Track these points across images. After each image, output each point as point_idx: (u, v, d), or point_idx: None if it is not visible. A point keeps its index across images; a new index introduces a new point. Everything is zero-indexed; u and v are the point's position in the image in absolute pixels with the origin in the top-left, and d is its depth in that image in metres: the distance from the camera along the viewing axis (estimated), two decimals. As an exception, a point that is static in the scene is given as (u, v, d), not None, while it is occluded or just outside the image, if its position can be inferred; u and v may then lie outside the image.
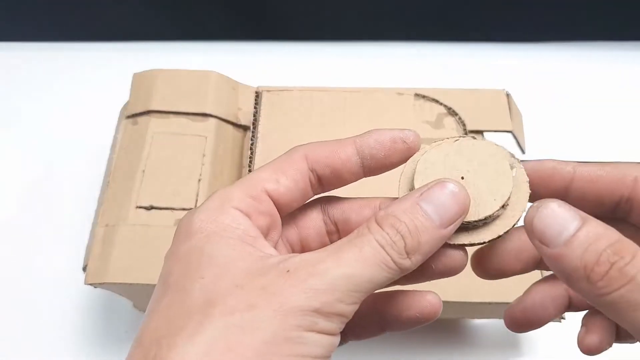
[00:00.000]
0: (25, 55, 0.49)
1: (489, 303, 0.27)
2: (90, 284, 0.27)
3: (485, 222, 0.17)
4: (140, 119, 0.31)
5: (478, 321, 0.34)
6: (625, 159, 0.32)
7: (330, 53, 0.48)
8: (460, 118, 0.29)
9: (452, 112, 0.29)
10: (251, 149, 0.28)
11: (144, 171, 0.29)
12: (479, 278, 0.27)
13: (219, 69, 0.33)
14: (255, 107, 0.29)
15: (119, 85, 0.36)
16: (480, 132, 0.33)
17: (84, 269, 0.28)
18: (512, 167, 0.18)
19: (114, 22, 0.49)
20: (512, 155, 0.18)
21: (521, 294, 0.27)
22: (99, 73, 0.46)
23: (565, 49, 0.48)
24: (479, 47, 0.48)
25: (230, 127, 0.32)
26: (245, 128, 0.33)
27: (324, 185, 0.18)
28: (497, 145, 0.18)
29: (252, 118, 0.30)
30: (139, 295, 0.29)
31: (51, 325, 0.34)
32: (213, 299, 0.14)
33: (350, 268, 0.15)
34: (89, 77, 0.47)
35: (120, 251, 0.27)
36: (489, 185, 0.17)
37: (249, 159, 0.28)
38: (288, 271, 0.14)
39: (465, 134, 0.28)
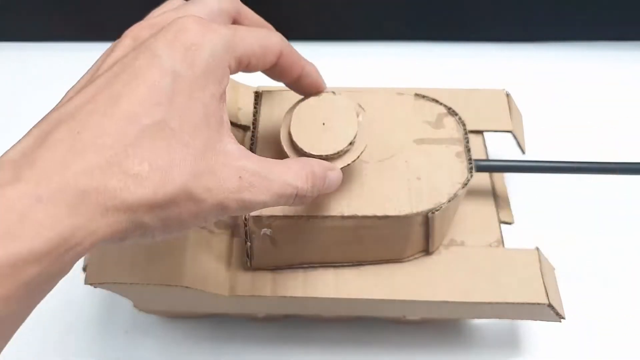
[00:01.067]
0: (26, 55, 0.49)
1: (489, 303, 0.27)
2: (90, 284, 0.27)
3: (339, 154, 0.24)
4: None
5: (478, 321, 0.34)
6: (626, 159, 0.32)
7: (331, 53, 0.48)
8: (460, 118, 0.29)
9: (452, 112, 0.29)
10: (251, 149, 0.28)
11: (143, 171, 0.29)
12: (478, 278, 0.27)
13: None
14: (255, 107, 0.29)
15: None
16: (480, 131, 0.33)
17: (84, 269, 0.28)
18: (358, 115, 0.24)
19: (114, 22, 0.49)
20: (360, 106, 0.25)
21: (521, 293, 0.27)
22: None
23: (565, 49, 0.47)
24: (479, 47, 0.48)
25: (230, 127, 0.32)
26: (245, 128, 0.33)
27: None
28: (349, 99, 0.25)
29: (252, 118, 0.30)
30: (139, 295, 0.29)
31: (50, 325, 0.34)
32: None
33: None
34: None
35: (121, 251, 0.27)
36: (341, 129, 0.24)
37: None
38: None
39: (466, 133, 0.28)
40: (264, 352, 0.33)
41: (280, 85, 0.33)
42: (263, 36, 0.21)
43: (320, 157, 0.23)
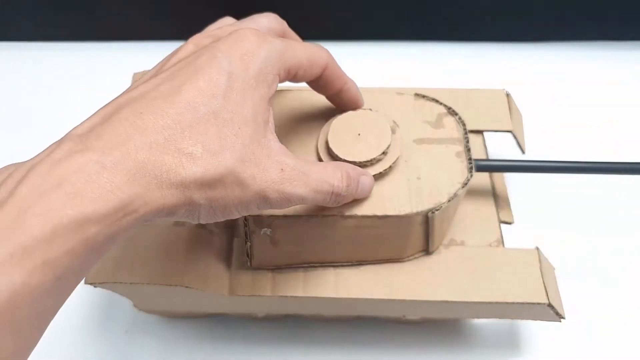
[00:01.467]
0: (26, 55, 0.49)
1: (489, 303, 0.27)
2: (90, 284, 0.27)
3: (372, 162, 0.25)
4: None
5: (478, 321, 0.34)
6: (625, 159, 0.32)
7: (331, 53, 0.48)
8: (460, 118, 0.29)
9: (452, 112, 0.29)
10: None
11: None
12: (478, 278, 0.27)
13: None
14: (255, 107, 0.29)
15: (118, 85, 0.36)
16: (480, 131, 0.33)
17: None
18: (393, 131, 0.27)
19: (114, 22, 0.49)
20: (395, 123, 0.27)
21: (521, 293, 0.27)
22: (99, 73, 0.47)
23: (565, 49, 0.47)
24: (479, 47, 0.48)
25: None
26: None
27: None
28: (385, 115, 0.27)
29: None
30: (139, 294, 0.29)
31: (50, 325, 0.34)
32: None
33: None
34: (89, 76, 0.47)
35: (121, 250, 0.27)
36: (375, 140, 0.26)
37: None
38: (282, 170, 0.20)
39: (466, 133, 0.28)
40: (264, 352, 0.33)
41: (280, 85, 0.33)
42: (312, 50, 0.23)
43: (353, 162, 0.25)
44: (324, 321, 0.33)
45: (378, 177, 0.26)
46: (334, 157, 0.26)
